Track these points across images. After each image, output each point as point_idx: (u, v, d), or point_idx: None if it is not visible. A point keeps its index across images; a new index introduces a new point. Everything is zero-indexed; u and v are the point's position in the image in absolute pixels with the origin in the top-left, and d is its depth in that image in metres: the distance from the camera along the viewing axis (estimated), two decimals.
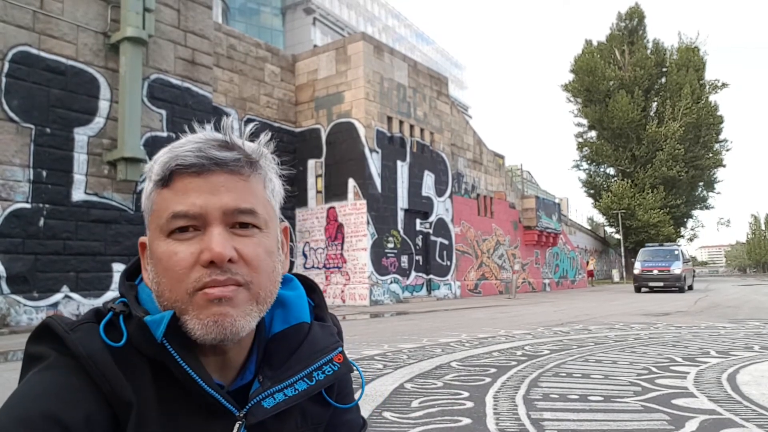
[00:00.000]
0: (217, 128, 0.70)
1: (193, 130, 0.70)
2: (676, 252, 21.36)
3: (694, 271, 27.25)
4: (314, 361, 0.73)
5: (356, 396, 0.86)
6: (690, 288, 22.28)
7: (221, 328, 0.63)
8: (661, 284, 20.05)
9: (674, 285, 19.88)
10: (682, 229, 47.37)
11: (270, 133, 0.73)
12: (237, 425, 0.67)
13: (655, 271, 20.51)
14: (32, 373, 0.62)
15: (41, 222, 9.17)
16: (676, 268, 20.20)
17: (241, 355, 0.71)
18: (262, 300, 0.67)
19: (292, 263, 15.77)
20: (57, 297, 9.26)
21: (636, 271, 21.26)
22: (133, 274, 0.75)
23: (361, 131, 14.88)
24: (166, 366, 0.64)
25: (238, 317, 0.64)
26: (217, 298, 0.63)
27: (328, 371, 0.74)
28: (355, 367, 0.81)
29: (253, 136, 0.72)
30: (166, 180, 0.66)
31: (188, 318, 0.64)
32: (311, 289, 0.82)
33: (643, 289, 20.56)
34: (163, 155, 0.68)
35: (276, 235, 0.72)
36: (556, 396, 3.38)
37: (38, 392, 0.59)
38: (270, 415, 0.68)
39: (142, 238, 0.72)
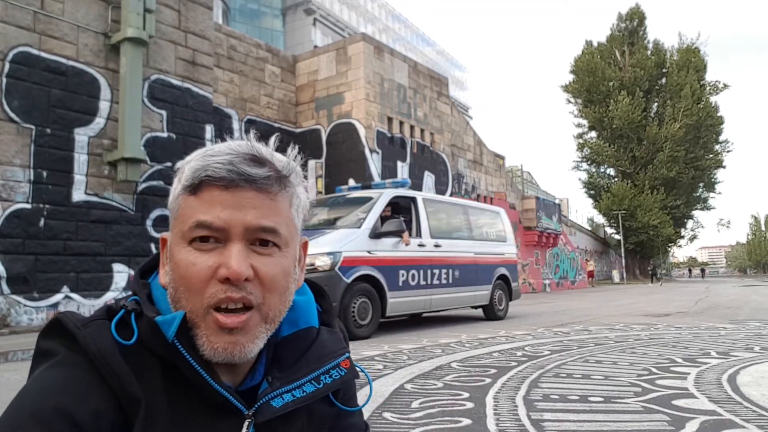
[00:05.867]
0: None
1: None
2: (367, 202, 7.50)
3: (514, 272, 10.69)
4: (322, 364, 0.75)
5: (363, 400, 0.87)
6: (498, 316, 9.14)
7: (230, 354, 0.65)
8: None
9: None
10: (682, 229, 47.39)
11: (296, 146, 0.73)
12: (246, 423, 0.67)
13: None
14: (43, 369, 0.63)
15: (41, 222, 9.17)
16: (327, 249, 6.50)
17: (250, 360, 0.72)
18: (271, 320, 0.69)
19: None
20: (57, 297, 9.26)
21: None
22: (146, 273, 0.75)
23: (362, 132, 14.88)
24: (176, 365, 0.65)
25: (247, 343, 0.66)
26: (230, 328, 0.64)
27: (336, 375, 0.76)
28: (363, 373, 0.83)
29: (262, 140, 0.72)
30: (194, 188, 0.67)
31: (199, 334, 0.65)
32: (320, 294, 0.83)
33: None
34: (194, 160, 0.68)
35: (295, 253, 0.72)
36: (557, 397, 3.37)
37: (49, 387, 0.60)
38: (278, 415, 0.69)
39: (163, 234, 0.73)
